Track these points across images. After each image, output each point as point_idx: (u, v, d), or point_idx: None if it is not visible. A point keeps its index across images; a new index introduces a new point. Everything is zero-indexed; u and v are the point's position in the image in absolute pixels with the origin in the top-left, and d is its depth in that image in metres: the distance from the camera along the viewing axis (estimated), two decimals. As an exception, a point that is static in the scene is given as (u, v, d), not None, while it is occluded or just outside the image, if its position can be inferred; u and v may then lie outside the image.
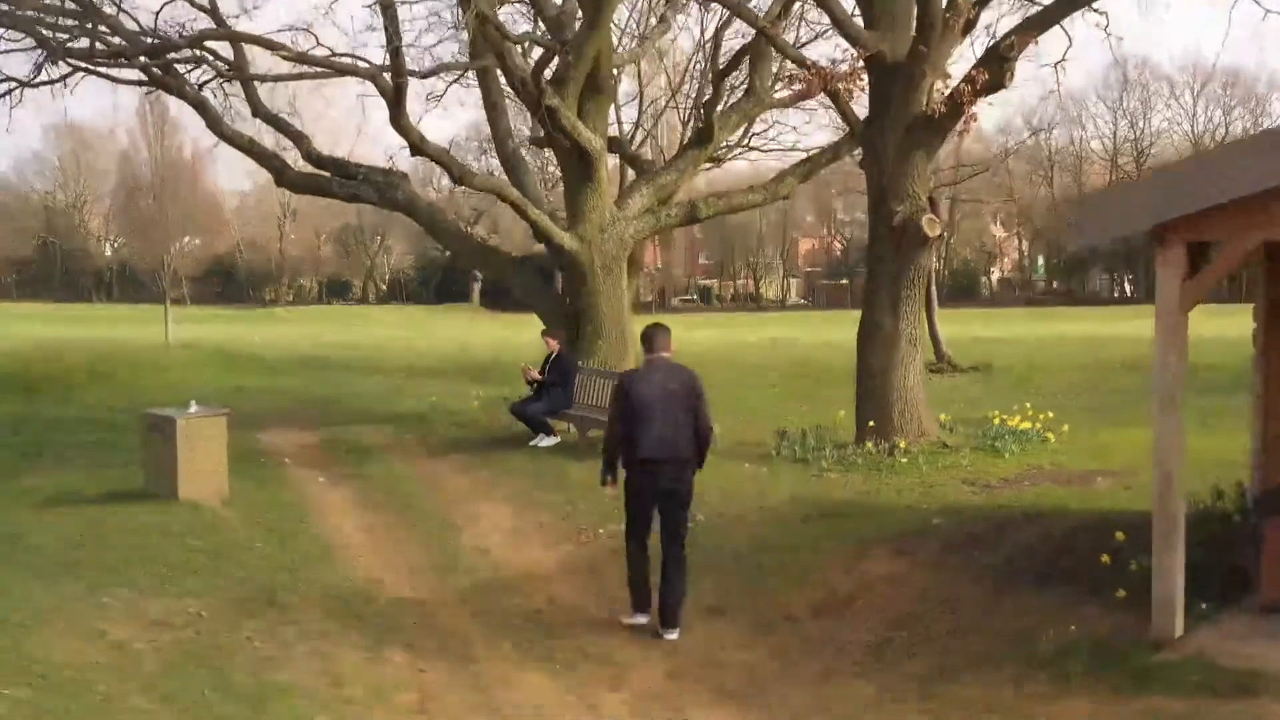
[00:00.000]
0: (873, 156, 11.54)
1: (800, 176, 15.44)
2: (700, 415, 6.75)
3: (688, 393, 6.72)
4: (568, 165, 14.97)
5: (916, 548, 8.10)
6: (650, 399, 6.65)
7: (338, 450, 14.02)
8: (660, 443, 6.61)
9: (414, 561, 8.36)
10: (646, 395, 6.68)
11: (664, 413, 6.62)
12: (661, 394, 6.68)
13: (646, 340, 7.08)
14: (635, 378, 7.00)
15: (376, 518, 9.96)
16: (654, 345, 6.98)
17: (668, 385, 6.73)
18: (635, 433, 6.65)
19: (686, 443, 6.69)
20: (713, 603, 7.04)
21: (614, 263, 14.64)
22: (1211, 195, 5.03)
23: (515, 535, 9.16)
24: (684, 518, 6.84)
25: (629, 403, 6.72)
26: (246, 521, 9.65)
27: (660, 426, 6.60)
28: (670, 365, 6.91)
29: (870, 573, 7.58)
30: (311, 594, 7.44)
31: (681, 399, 6.68)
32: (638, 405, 6.66)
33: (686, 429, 6.68)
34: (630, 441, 6.69)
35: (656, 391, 6.70)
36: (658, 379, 6.79)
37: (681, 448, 6.66)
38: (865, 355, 11.78)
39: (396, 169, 15.48)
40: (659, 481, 6.69)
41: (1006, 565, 7.58)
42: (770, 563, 7.85)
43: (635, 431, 6.65)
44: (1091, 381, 20.67)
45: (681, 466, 6.71)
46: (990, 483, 10.19)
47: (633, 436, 6.67)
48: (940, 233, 11.31)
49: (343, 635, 6.60)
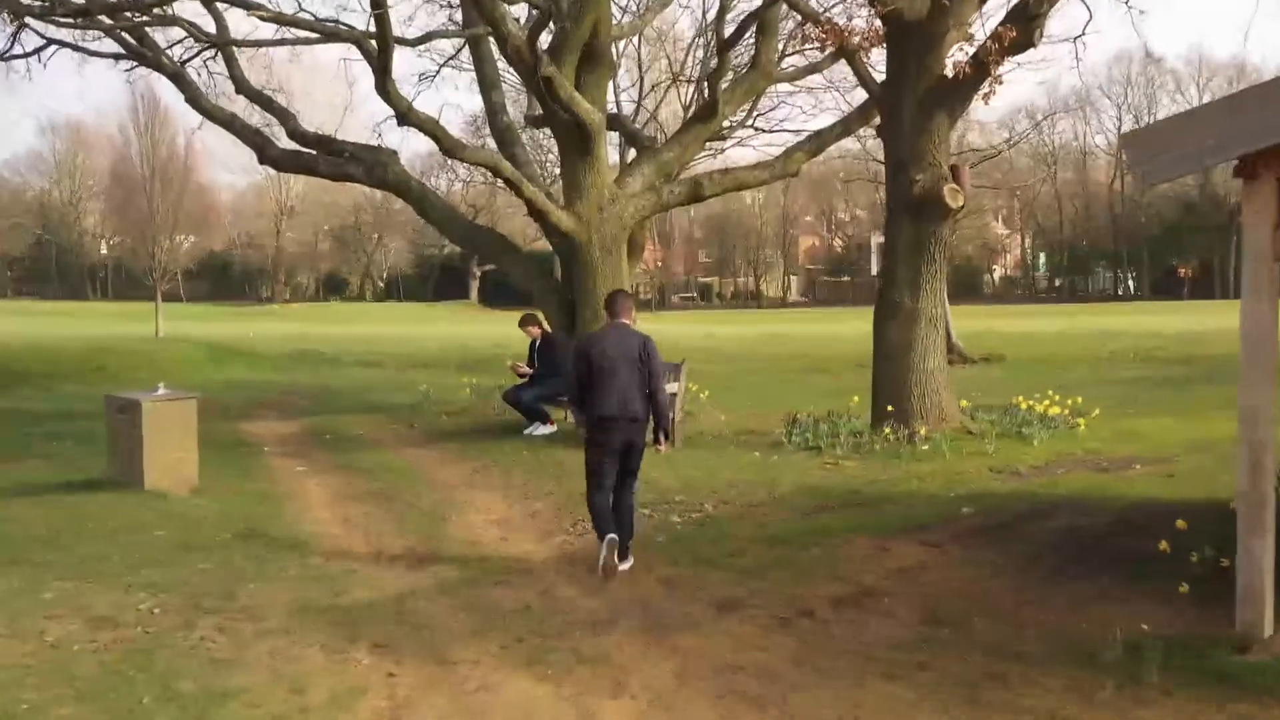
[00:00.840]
0: (890, 123, 10.80)
1: (809, 152, 14.66)
2: (654, 376, 7.08)
3: (641, 355, 7.04)
4: (565, 141, 14.22)
5: (945, 538, 7.37)
6: (607, 361, 7.01)
7: (321, 439, 13.31)
8: (617, 402, 6.98)
9: (393, 553, 7.61)
10: (604, 357, 7.03)
11: (620, 374, 6.99)
12: (617, 356, 7.02)
13: (608, 306, 7.47)
14: (593, 340, 7.30)
15: (356, 508, 9.22)
16: (615, 311, 7.34)
17: (623, 348, 7.05)
18: (594, 393, 7.04)
19: (641, 403, 7.05)
20: (723, 597, 6.29)
21: (613, 243, 13.88)
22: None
23: (506, 526, 8.42)
24: (637, 468, 7.24)
25: (587, 364, 7.08)
26: (215, 512, 8.92)
27: (617, 387, 6.98)
28: (627, 330, 7.22)
29: (897, 565, 6.84)
30: (277, 588, 6.69)
31: (635, 361, 7.03)
32: (595, 367, 7.03)
33: (641, 390, 7.05)
34: (589, 401, 7.07)
35: (613, 354, 7.03)
36: (614, 342, 7.11)
37: (636, 407, 7.02)
38: (882, 336, 11.05)
39: (385, 146, 14.75)
40: (616, 437, 7.03)
41: (1047, 557, 6.85)
42: (785, 554, 7.10)
43: (594, 392, 7.04)
44: (1106, 372, 19.96)
45: (637, 424, 7.05)
46: (1019, 470, 9.46)
47: (591, 396, 7.05)
48: (963, 204, 10.58)
49: (308, 633, 5.85)
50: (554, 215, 13.54)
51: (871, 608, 6.02)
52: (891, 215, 11.04)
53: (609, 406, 6.97)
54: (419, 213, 15.00)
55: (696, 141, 15.02)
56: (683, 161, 15.27)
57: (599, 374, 7.00)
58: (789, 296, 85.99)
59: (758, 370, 22.43)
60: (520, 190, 13.25)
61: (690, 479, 9.60)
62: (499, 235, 15.59)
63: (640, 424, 7.09)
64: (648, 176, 14.51)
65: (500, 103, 15.82)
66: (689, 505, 8.73)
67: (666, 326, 39.62)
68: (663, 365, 7.42)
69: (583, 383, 7.10)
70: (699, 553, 7.26)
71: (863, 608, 6.03)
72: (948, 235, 10.83)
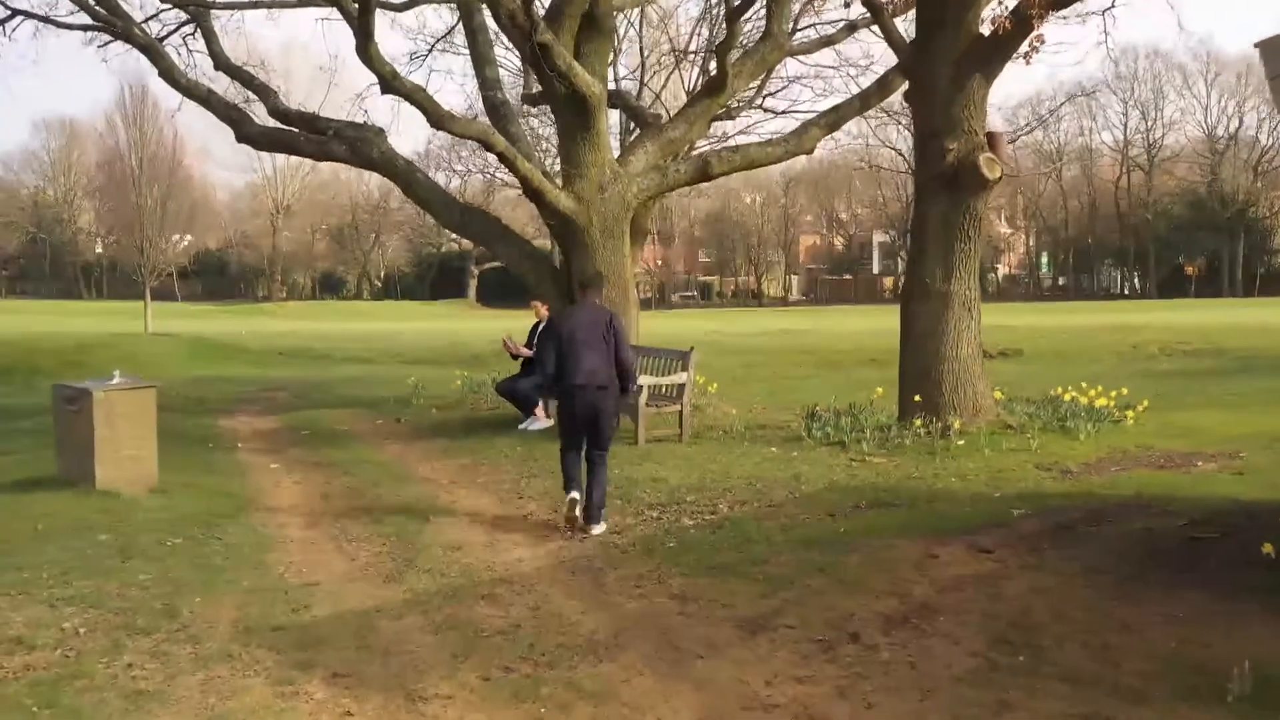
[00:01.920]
0: (921, 88, 9.83)
1: (825, 127, 13.66)
2: (619, 347, 7.62)
3: (606, 327, 7.62)
4: (563, 116, 13.26)
5: (999, 543, 6.40)
6: (576, 333, 7.60)
7: (300, 434, 12.33)
8: (585, 371, 7.51)
9: (364, 561, 6.64)
10: (572, 330, 7.65)
11: (588, 345, 7.55)
12: (585, 329, 7.62)
13: (582, 286, 8.27)
14: (563, 317, 8.12)
15: (328, 508, 8.25)
16: (587, 292, 8.09)
17: (591, 323, 7.66)
18: (565, 362, 7.58)
19: (607, 372, 7.57)
20: (749, 614, 5.31)
21: (615, 225, 12.90)
22: None
23: (495, 529, 7.44)
24: (607, 430, 7.67)
25: (558, 337, 7.69)
26: (172, 513, 7.94)
27: (585, 357, 7.52)
28: (596, 306, 7.92)
29: (949, 574, 5.87)
30: (225, 603, 5.72)
31: (601, 333, 7.61)
32: (565, 339, 7.63)
33: (607, 360, 7.58)
34: (561, 370, 7.62)
35: (582, 326, 7.65)
36: (582, 316, 7.76)
37: (603, 376, 7.56)
38: (910, 321, 10.08)
39: (371, 124, 13.77)
40: (583, 402, 7.54)
41: (1123, 565, 5.88)
42: (817, 561, 6.13)
43: (565, 361, 7.58)
44: (1134, 366, 18.98)
45: (603, 391, 7.57)
46: (1069, 468, 8.49)
47: (562, 367, 7.60)
48: (1001, 175, 9.61)
49: (253, 660, 4.88)
50: (551, 195, 12.57)
51: (928, 628, 5.05)
52: (921, 189, 10.07)
53: (578, 375, 7.51)
54: (407, 194, 14.03)
55: (704, 117, 14.04)
56: (689, 139, 14.29)
57: (569, 346, 7.59)
58: (790, 296, 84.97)
59: (765, 364, 21.43)
60: (515, 166, 12.27)
61: (702, 477, 8.63)
62: (493, 218, 14.61)
63: (607, 391, 7.59)
64: (652, 155, 13.54)
65: (494, 78, 14.85)
66: (702, 505, 7.76)
67: (667, 324, 38.66)
68: (627, 338, 7.99)
69: (556, 353, 7.66)
70: (717, 560, 6.29)
71: (918, 628, 5.05)
72: (983, 210, 9.85)
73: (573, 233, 12.65)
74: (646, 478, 8.67)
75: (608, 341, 7.56)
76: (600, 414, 7.54)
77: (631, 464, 9.23)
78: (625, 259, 13.01)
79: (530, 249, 13.48)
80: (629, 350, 7.84)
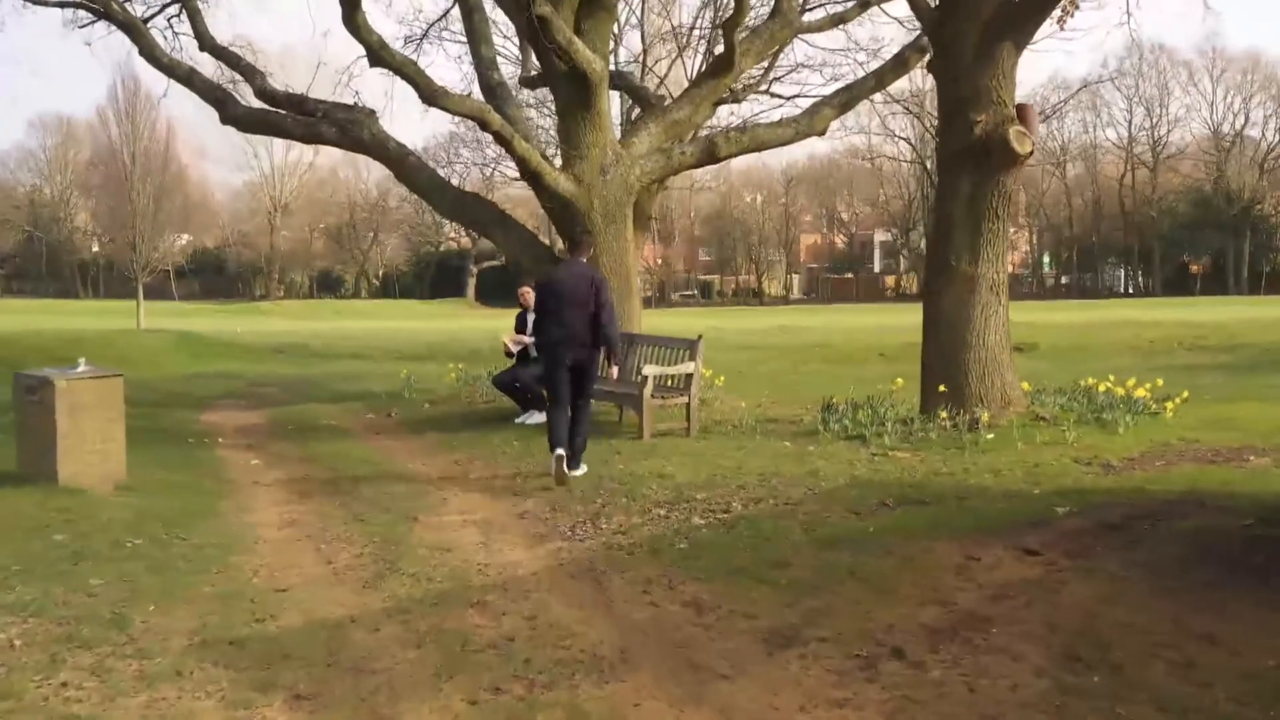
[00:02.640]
0: (946, 56, 9.19)
1: (838, 107, 13.02)
2: (602, 307, 7.88)
3: (590, 286, 7.90)
4: (562, 94, 12.63)
5: (1047, 545, 5.75)
6: (560, 291, 7.93)
7: (285, 429, 11.69)
8: (568, 328, 7.87)
9: (342, 564, 5.99)
10: (557, 288, 7.99)
11: (571, 303, 7.87)
12: (571, 288, 7.93)
13: (571, 244, 8.77)
14: (549, 274, 8.39)
15: (308, 506, 7.60)
16: (575, 250, 8.50)
17: (576, 282, 7.97)
18: (547, 320, 7.95)
19: (589, 330, 7.91)
20: (774, 625, 4.67)
21: (617, 210, 12.27)
22: None
23: (488, 529, 6.79)
24: (589, 386, 8.14)
25: (544, 295, 8.06)
26: (137, 512, 7.29)
27: (568, 315, 7.87)
28: (583, 265, 8.25)
29: (995, 579, 5.23)
30: (183, 612, 5.08)
31: (584, 291, 7.89)
32: (550, 296, 7.96)
33: (590, 319, 7.89)
34: (543, 327, 8.01)
35: (567, 287, 7.95)
36: (567, 275, 8.10)
37: (584, 333, 7.90)
38: (934, 306, 9.44)
39: (362, 105, 13.13)
40: (566, 356, 7.91)
41: (1189, 568, 5.24)
42: (846, 564, 5.49)
43: (547, 319, 7.95)
44: (1155, 360, 18.37)
45: (585, 348, 7.94)
46: (1111, 462, 7.84)
47: (546, 323, 7.97)
48: (1032, 149, 8.97)
49: (205, 678, 4.24)
50: (550, 177, 11.95)
51: (981, 641, 4.40)
52: (946, 165, 9.41)
53: (559, 332, 7.87)
54: (399, 178, 13.40)
55: (710, 98, 13.41)
56: (695, 122, 13.66)
57: (554, 303, 7.89)
58: (791, 295, 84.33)
59: (770, 360, 20.81)
60: (511, 146, 11.65)
61: (713, 472, 7.98)
62: (489, 203, 13.98)
63: (589, 349, 7.96)
64: (656, 136, 12.91)
65: (490, 58, 14.21)
66: (713, 503, 7.11)
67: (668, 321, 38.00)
68: (611, 299, 8.18)
69: (539, 313, 8.05)
70: (734, 562, 5.64)
71: (969, 642, 4.41)
72: (1012, 187, 9.20)
73: (572, 217, 12.02)
74: (652, 474, 8.03)
75: (591, 301, 7.81)
76: (584, 371, 7.93)
77: (636, 459, 8.58)
78: (627, 245, 12.39)
79: (528, 236, 12.83)
80: (612, 310, 8.09)
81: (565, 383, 7.95)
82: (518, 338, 11.03)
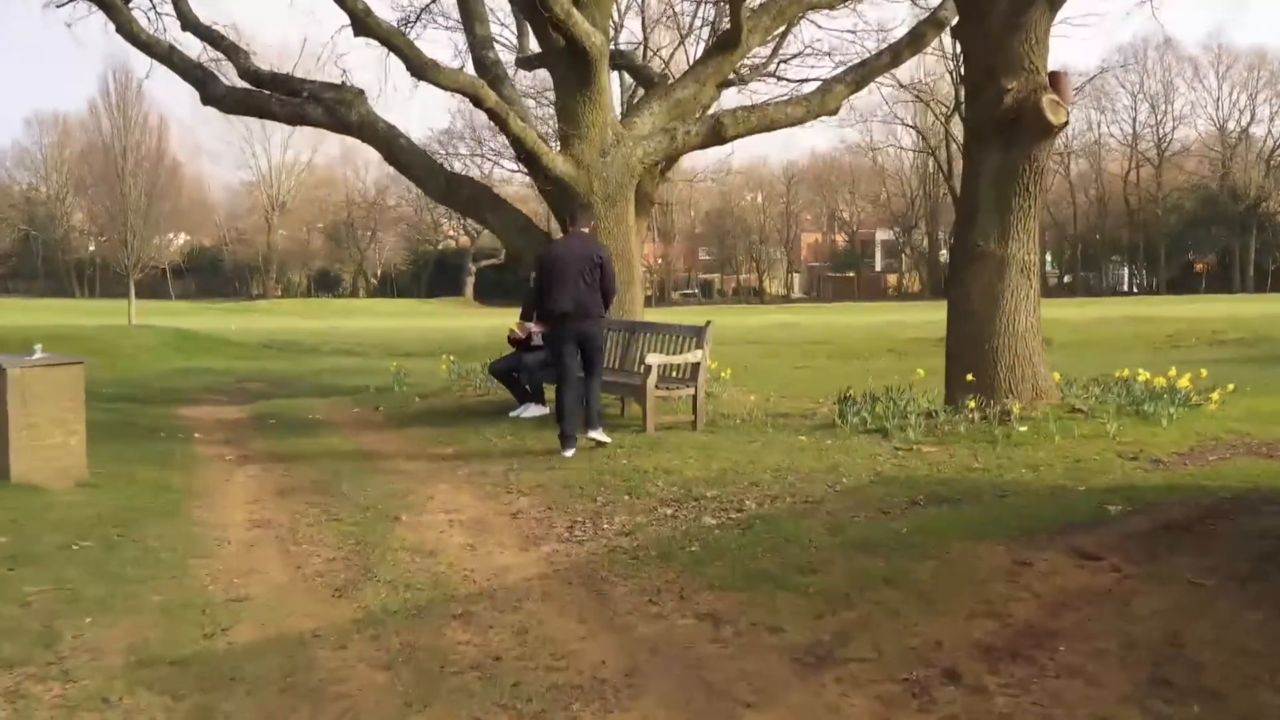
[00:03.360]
0: (973, 19, 8.53)
1: (852, 85, 12.34)
2: (604, 278, 8.04)
3: (594, 259, 8.00)
4: (561, 72, 11.98)
5: (1105, 547, 5.09)
6: (564, 264, 7.98)
7: (267, 424, 11.04)
8: (571, 299, 7.94)
9: (313, 569, 5.34)
10: (560, 261, 8.04)
11: (575, 275, 7.94)
12: (574, 260, 7.99)
13: (571, 218, 8.82)
14: (553, 247, 8.53)
15: (283, 505, 6.94)
16: (576, 222, 8.56)
17: (578, 253, 8.05)
18: (553, 292, 7.97)
19: (593, 299, 8.02)
20: (805, 641, 4.01)
21: (618, 193, 11.61)
22: None
23: (476, 529, 6.14)
24: (599, 362, 8.31)
25: (547, 268, 8.07)
26: (92, 511, 6.65)
27: (572, 287, 7.94)
28: (584, 236, 8.34)
29: (1053, 587, 4.57)
30: (124, 625, 4.43)
31: (588, 262, 7.98)
32: (554, 269, 7.98)
33: (594, 288, 8.01)
34: (548, 299, 8.00)
35: (569, 257, 8.02)
36: (571, 248, 8.17)
37: (590, 304, 8.00)
38: (960, 290, 8.78)
39: (350, 85, 12.47)
40: (571, 329, 8.00)
41: (1268, 574, 4.59)
42: (881, 571, 4.83)
43: (552, 291, 7.97)
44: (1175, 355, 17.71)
45: (590, 318, 8.05)
46: (1159, 457, 7.19)
47: (549, 297, 7.99)
48: (1066, 120, 8.32)
49: (135, 705, 3.60)
50: (547, 158, 11.29)
51: (1049, 661, 3.75)
52: (973, 138, 8.75)
53: (564, 303, 7.93)
54: (389, 160, 12.71)
55: (716, 77, 12.74)
56: (700, 101, 12.99)
57: (557, 276, 7.94)
58: (792, 293, 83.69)
59: (776, 354, 20.16)
60: (506, 125, 10.98)
61: (723, 469, 7.31)
62: (482, 186, 13.33)
63: (593, 319, 8.07)
64: (659, 116, 12.25)
65: (485, 36, 13.57)
66: (725, 501, 6.45)
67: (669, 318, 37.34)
68: (614, 272, 8.34)
69: (542, 288, 8.04)
70: (753, 568, 4.98)
71: (1035, 662, 3.75)
72: (1045, 161, 8.55)
73: (571, 201, 11.35)
74: (657, 469, 7.37)
75: (594, 271, 7.92)
76: (591, 338, 8.07)
77: (640, 454, 7.92)
78: (629, 230, 11.74)
79: (523, 220, 12.18)
80: (614, 282, 8.32)
81: (574, 355, 8.05)
82: (527, 325, 10.33)
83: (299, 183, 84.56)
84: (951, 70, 24.66)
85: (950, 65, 24.63)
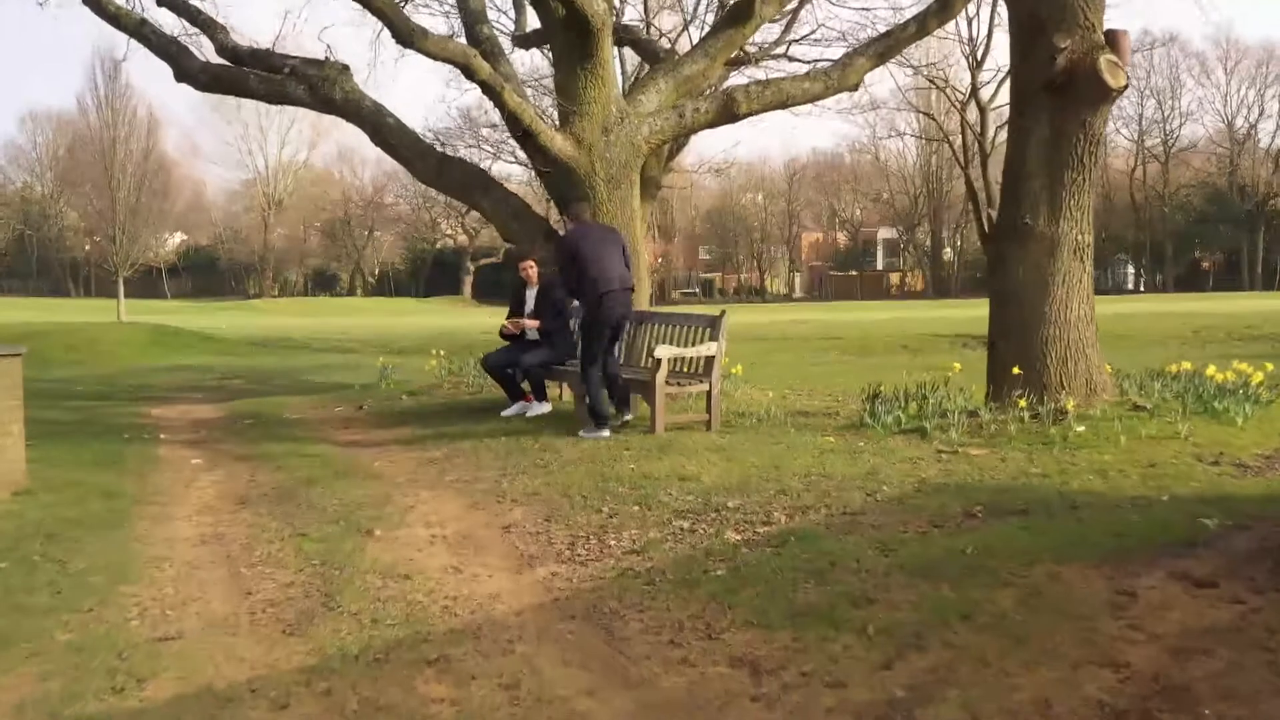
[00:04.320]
0: (1020, -31, 7.64)
1: (875, 57, 11.43)
2: (627, 254, 8.40)
3: (618, 237, 8.48)
4: (560, 43, 11.10)
5: (1219, 572, 4.21)
6: (598, 247, 8.15)
7: (241, 424, 10.15)
8: (616, 276, 8.09)
9: (264, 596, 4.45)
10: (594, 245, 8.18)
11: (609, 255, 8.16)
12: (604, 241, 8.27)
13: (575, 213, 8.78)
14: (578, 236, 8.33)
15: (241, 516, 6.05)
16: (583, 214, 8.72)
17: (606, 235, 8.40)
18: (593, 274, 7.99)
19: (628, 274, 8.27)
20: (874, 700, 3.13)
21: (622, 174, 10.71)
22: None
23: (462, 547, 5.25)
24: (624, 330, 8.56)
25: (580, 254, 8.10)
26: (22, 524, 5.78)
27: (610, 264, 8.11)
28: (599, 223, 8.93)
29: (1172, 625, 3.69)
30: (22, 671, 3.55)
31: (615, 242, 8.33)
32: (590, 254, 8.07)
33: (625, 263, 8.28)
34: (589, 282, 8.00)
35: (600, 240, 8.26)
36: (598, 231, 8.47)
37: (628, 278, 8.25)
38: (1004, 273, 7.88)
39: (334, 61, 11.58)
40: (616, 310, 8.09)
41: None
42: (951, 603, 3.95)
43: (592, 273, 8.00)
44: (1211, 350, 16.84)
45: (629, 292, 8.25)
46: (1244, 461, 6.31)
47: (588, 279, 8.00)
48: (1126, 84, 7.44)
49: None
50: (545, 136, 10.38)
51: (1201, 733, 2.87)
52: (1021, 102, 7.85)
53: (608, 281, 7.99)
54: (375, 141, 11.79)
55: (726, 51, 11.83)
56: (709, 78, 12.11)
57: (594, 257, 8.02)
58: (794, 292, 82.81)
59: (786, 350, 19.28)
60: (501, 99, 10.08)
61: (745, 474, 6.42)
62: (475, 168, 12.43)
63: (630, 293, 8.28)
64: (666, 93, 11.35)
65: (479, 9, 12.66)
66: (751, 513, 5.56)
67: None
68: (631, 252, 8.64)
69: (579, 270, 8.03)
70: (795, 598, 4.10)
71: (1182, 732, 2.87)
72: (1100, 130, 7.67)
73: (571, 183, 10.46)
74: (670, 475, 6.48)
75: (621, 249, 8.22)
76: (626, 317, 8.30)
77: (649, 457, 7.02)
78: (634, 215, 10.84)
79: (518, 203, 11.30)
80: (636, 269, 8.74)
81: (608, 338, 8.16)
82: (519, 321, 9.43)
83: (296, 181, 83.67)
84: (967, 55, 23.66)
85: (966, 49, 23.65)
